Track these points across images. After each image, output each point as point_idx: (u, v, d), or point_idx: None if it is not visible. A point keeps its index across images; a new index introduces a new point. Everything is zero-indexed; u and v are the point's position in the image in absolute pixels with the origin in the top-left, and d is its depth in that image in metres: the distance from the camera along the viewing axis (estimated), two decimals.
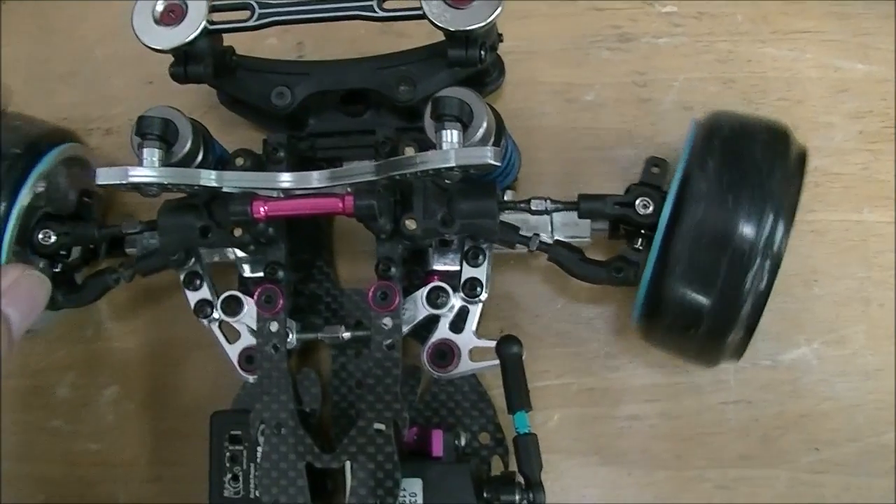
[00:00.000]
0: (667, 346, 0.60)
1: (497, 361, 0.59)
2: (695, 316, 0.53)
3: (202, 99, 0.70)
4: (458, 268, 0.61)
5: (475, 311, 0.61)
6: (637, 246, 0.58)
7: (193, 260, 0.63)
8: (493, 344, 0.59)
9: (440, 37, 0.57)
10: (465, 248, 0.60)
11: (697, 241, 0.52)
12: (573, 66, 0.70)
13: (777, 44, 0.69)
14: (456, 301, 0.60)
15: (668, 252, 0.53)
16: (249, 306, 0.61)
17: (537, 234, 0.59)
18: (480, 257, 0.60)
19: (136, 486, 0.70)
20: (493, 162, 0.50)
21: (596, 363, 0.67)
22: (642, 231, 0.58)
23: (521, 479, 0.57)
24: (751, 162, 0.53)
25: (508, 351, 0.59)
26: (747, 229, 0.51)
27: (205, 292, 0.63)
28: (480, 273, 0.60)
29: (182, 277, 0.63)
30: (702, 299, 0.53)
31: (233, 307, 0.61)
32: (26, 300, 0.53)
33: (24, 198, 0.59)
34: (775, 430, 0.66)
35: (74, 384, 0.71)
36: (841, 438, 0.65)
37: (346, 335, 0.61)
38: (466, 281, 0.60)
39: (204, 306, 0.62)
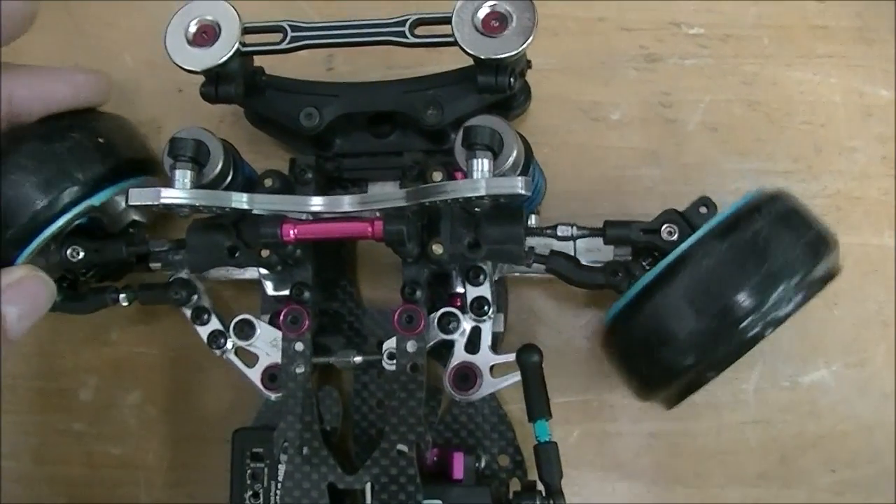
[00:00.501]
0: (619, 358, 0.58)
1: (518, 377, 0.60)
2: (664, 341, 0.53)
3: (231, 108, 0.69)
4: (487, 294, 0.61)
5: (487, 329, 0.61)
6: (645, 264, 0.58)
7: (196, 297, 0.63)
8: (512, 357, 0.60)
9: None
10: (466, 269, 0.60)
11: (698, 286, 0.52)
12: (600, 84, 0.70)
13: (803, 67, 0.69)
14: (466, 323, 0.61)
15: (670, 277, 0.53)
16: (262, 328, 0.62)
17: (532, 248, 0.59)
18: (481, 276, 0.60)
19: (158, 489, 0.70)
20: (523, 192, 0.50)
21: (617, 380, 0.66)
22: (656, 253, 0.58)
23: (541, 487, 0.58)
24: (783, 252, 0.52)
25: (528, 359, 0.59)
26: (743, 305, 0.51)
27: (215, 323, 0.63)
28: (484, 291, 0.60)
29: (189, 314, 0.63)
30: (679, 330, 0.53)
31: (245, 331, 0.62)
32: (28, 300, 0.54)
33: (79, 210, 0.59)
34: (794, 450, 0.66)
35: (98, 387, 0.72)
36: (860, 460, 0.66)
37: (358, 359, 0.61)
38: (473, 301, 0.60)
39: (217, 337, 0.63)
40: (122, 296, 0.64)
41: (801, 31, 0.70)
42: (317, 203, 0.56)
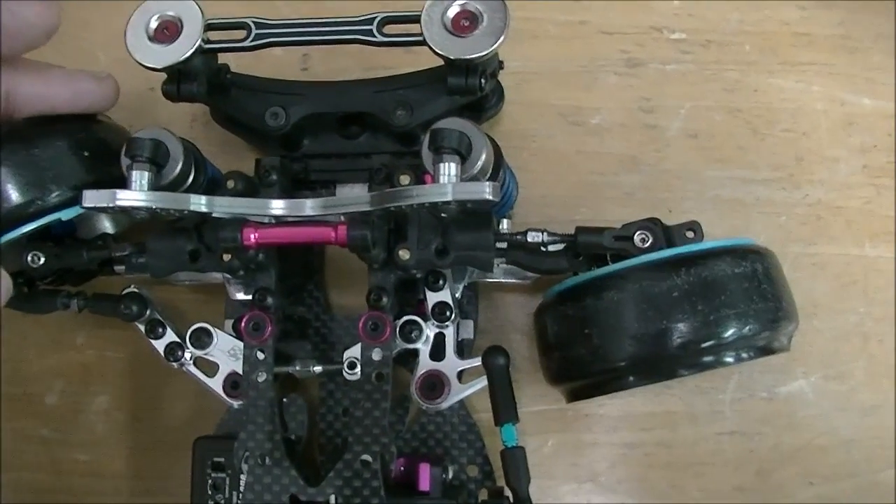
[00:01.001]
0: (549, 331, 0.57)
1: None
2: (603, 335, 0.53)
3: (200, 108, 0.69)
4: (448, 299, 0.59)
5: (450, 335, 0.60)
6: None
7: (149, 311, 0.62)
8: (479, 362, 0.58)
9: None
10: (424, 275, 0.59)
11: (654, 299, 0.52)
12: (580, 89, 0.69)
13: (785, 75, 0.68)
14: (430, 330, 0.59)
15: (632, 278, 0.53)
16: (219, 336, 0.61)
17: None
18: (441, 281, 0.59)
19: (126, 498, 0.69)
20: (490, 198, 0.49)
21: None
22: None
23: (509, 493, 0.57)
24: (744, 308, 0.52)
25: (494, 362, 0.57)
26: (682, 338, 0.51)
27: (171, 335, 0.62)
28: (445, 296, 0.59)
29: (143, 329, 0.62)
30: (620, 331, 0.52)
31: (203, 340, 0.61)
32: None
33: (45, 221, 0.57)
34: (771, 462, 0.65)
35: (64, 392, 0.70)
36: (838, 474, 0.65)
37: (318, 369, 0.60)
38: (434, 307, 0.59)
39: (174, 350, 0.62)
40: (73, 302, 0.63)
41: (784, 38, 0.69)
42: (278, 206, 0.55)
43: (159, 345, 0.62)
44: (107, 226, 0.66)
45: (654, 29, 0.69)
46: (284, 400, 0.62)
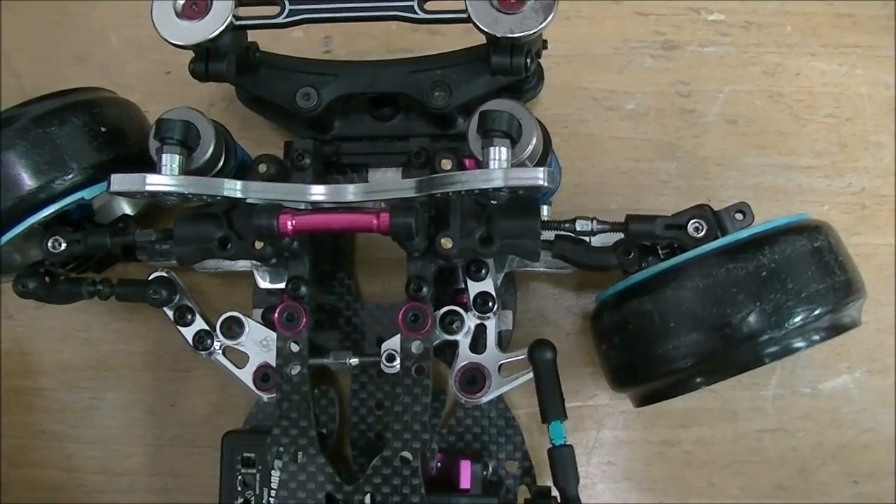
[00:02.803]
0: (609, 336, 0.55)
1: (531, 375, 0.56)
2: (665, 336, 0.51)
3: (222, 91, 0.67)
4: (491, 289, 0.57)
5: (492, 326, 0.57)
6: (662, 254, 0.55)
7: (178, 296, 0.60)
8: (523, 356, 0.56)
9: (477, 36, 0.53)
10: (466, 264, 0.57)
11: (716, 291, 0.50)
12: (614, 72, 0.67)
13: (827, 57, 0.66)
14: (471, 321, 0.57)
15: (690, 273, 0.51)
16: (251, 326, 0.58)
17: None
18: (483, 270, 0.56)
19: (140, 496, 0.67)
20: (545, 184, 0.47)
21: None
22: (675, 246, 0.55)
23: (556, 493, 0.54)
24: (809, 287, 0.50)
25: (542, 356, 0.55)
26: (754, 325, 0.49)
27: (200, 323, 0.60)
28: (488, 286, 0.57)
29: (171, 315, 0.60)
30: (683, 329, 0.50)
31: (234, 330, 0.58)
32: None
33: (68, 201, 0.55)
34: (813, 460, 0.64)
35: (79, 387, 0.68)
36: (882, 472, 0.63)
37: (355, 361, 0.58)
38: (476, 297, 0.56)
39: (203, 338, 0.59)
40: (100, 290, 0.60)
41: (827, 19, 0.67)
42: (318, 192, 0.52)
43: (188, 332, 0.60)
44: (125, 207, 0.63)
45: (691, 10, 0.67)
46: (315, 391, 0.59)
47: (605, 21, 0.68)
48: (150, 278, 0.59)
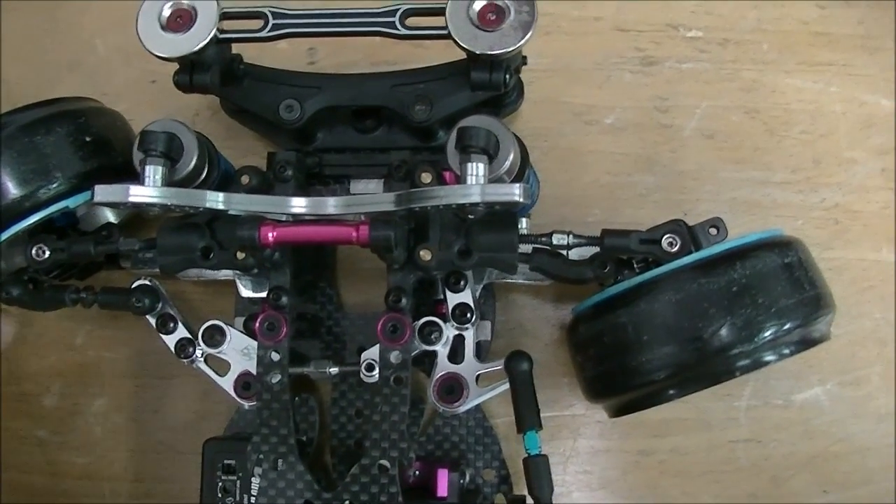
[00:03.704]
0: (584, 348, 0.56)
1: (507, 386, 0.57)
2: (640, 348, 0.51)
3: (207, 101, 0.67)
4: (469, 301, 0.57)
5: (470, 337, 0.58)
6: (637, 268, 0.56)
7: (161, 304, 0.60)
8: (500, 366, 0.57)
9: (459, 50, 0.54)
10: (446, 275, 0.57)
11: (690, 305, 0.51)
12: (594, 87, 0.68)
13: (803, 75, 0.67)
14: (449, 332, 0.57)
15: (664, 287, 0.51)
16: (232, 334, 0.59)
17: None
18: (462, 282, 0.57)
19: (124, 501, 0.67)
20: (520, 200, 0.47)
21: None
22: (650, 260, 0.56)
23: (531, 502, 0.55)
24: (782, 301, 0.51)
25: (517, 367, 0.56)
26: (727, 338, 0.50)
27: (182, 331, 0.60)
28: (466, 297, 0.57)
29: (155, 323, 0.60)
30: (658, 342, 0.51)
31: (216, 338, 0.59)
32: None
33: (52, 210, 0.56)
34: (785, 470, 0.64)
35: (62, 393, 0.69)
36: (853, 482, 0.64)
37: (335, 370, 0.58)
38: (455, 308, 0.57)
39: (185, 346, 0.59)
40: (82, 297, 0.60)
41: (803, 37, 0.68)
42: (299, 205, 0.53)
43: (170, 340, 0.60)
44: (109, 216, 0.64)
45: (670, 26, 0.68)
46: (296, 399, 0.60)
47: (585, 37, 0.68)
48: (132, 286, 0.60)
